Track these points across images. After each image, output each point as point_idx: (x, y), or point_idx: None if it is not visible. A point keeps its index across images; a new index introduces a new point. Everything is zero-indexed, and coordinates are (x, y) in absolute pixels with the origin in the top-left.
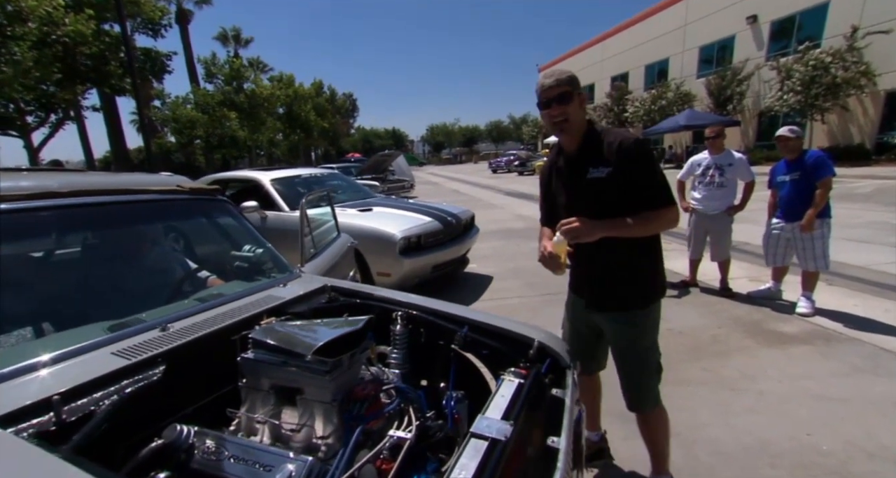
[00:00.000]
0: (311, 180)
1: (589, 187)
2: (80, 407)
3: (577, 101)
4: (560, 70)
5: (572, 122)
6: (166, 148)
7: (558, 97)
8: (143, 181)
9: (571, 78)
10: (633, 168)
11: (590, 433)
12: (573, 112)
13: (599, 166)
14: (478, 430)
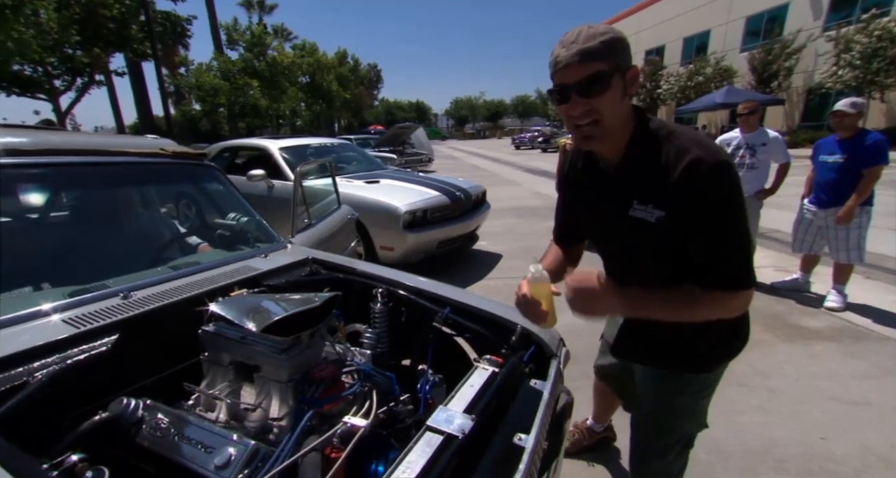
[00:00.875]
0: (322, 150)
1: (631, 231)
2: (11, 377)
3: (616, 89)
4: (589, 31)
5: (608, 126)
6: (191, 116)
7: (585, 84)
8: (125, 143)
9: (609, 44)
10: (703, 214)
11: (594, 424)
12: (609, 108)
13: (648, 204)
14: (434, 423)
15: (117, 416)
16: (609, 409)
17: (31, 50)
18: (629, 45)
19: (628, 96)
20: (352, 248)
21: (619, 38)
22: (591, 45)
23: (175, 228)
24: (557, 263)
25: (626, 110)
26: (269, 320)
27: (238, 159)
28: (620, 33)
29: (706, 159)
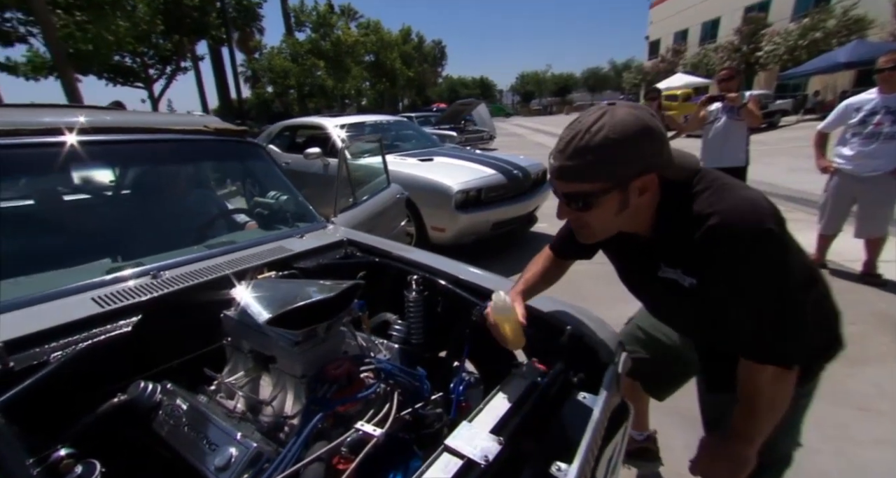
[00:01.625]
0: (378, 127)
1: (664, 292)
2: (31, 356)
3: (608, 205)
4: (580, 142)
5: (598, 234)
6: (265, 98)
7: (568, 199)
8: (169, 121)
9: (600, 161)
10: (730, 287)
11: (633, 432)
12: (598, 221)
13: (678, 268)
14: (454, 443)
15: (135, 399)
16: (641, 411)
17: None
18: (640, 149)
19: (630, 208)
20: (401, 228)
21: (615, 150)
22: (574, 163)
23: (219, 205)
24: (542, 273)
25: (628, 216)
26: (279, 311)
27: (298, 138)
28: (627, 137)
29: (728, 226)
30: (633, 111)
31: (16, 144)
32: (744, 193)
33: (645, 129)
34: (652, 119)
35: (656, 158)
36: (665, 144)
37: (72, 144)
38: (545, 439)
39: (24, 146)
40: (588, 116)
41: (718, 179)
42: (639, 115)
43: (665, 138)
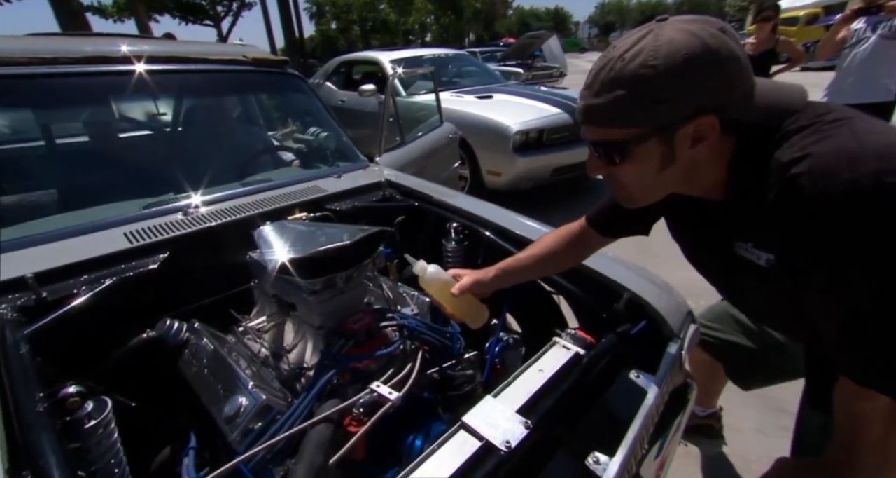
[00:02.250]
0: (436, 62)
1: (739, 274)
2: (63, 288)
3: (647, 157)
4: (609, 73)
5: (637, 195)
6: (328, 34)
7: (595, 147)
8: (208, 50)
9: (635, 99)
10: (816, 282)
11: (698, 408)
12: (635, 179)
13: (749, 243)
14: (473, 421)
15: (162, 336)
16: (714, 391)
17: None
18: (695, 80)
19: (679, 162)
20: (453, 171)
21: (655, 83)
22: (600, 101)
23: (259, 141)
24: (548, 255)
25: (679, 174)
26: (292, 256)
27: (354, 74)
28: (674, 64)
29: (823, 175)
30: (690, 27)
31: (55, 73)
32: (872, 130)
33: (704, 52)
34: (719, 37)
35: (720, 93)
36: (738, 74)
37: (108, 73)
38: (584, 423)
39: (63, 76)
40: (625, 39)
41: (830, 114)
42: (697, 32)
43: (741, 66)
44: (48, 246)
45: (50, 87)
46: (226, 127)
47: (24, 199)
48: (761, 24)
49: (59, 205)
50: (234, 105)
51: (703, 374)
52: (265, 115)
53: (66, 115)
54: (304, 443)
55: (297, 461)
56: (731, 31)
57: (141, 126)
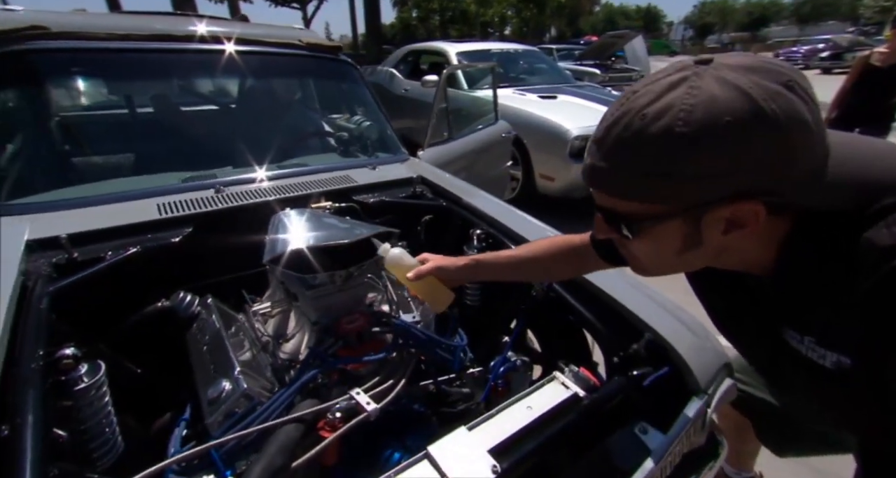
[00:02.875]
0: (504, 57)
1: (788, 359)
2: (92, 251)
3: (666, 236)
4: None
5: (649, 268)
6: (408, 23)
7: (606, 216)
8: (265, 33)
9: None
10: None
11: (731, 470)
12: (643, 254)
13: (809, 338)
14: (438, 453)
15: (175, 307)
16: (748, 451)
17: None
18: (737, 155)
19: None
20: (504, 171)
21: (683, 155)
22: (610, 165)
23: (304, 125)
24: (551, 255)
25: (709, 254)
26: (291, 247)
27: (422, 64)
28: (712, 133)
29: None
30: (741, 79)
31: (125, 48)
32: None
33: (756, 119)
34: (782, 98)
35: (772, 173)
36: (802, 149)
37: (171, 50)
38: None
39: (132, 51)
40: (651, 83)
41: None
42: (749, 88)
43: (807, 139)
44: (93, 209)
45: (120, 60)
46: (274, 108)
47: (85, 163)
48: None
49: (114, 171)
50: (287, 88)
51: (733, 430)
52: (315, 99)
53: (128, 87)
54: (268, 442)
55: (257, 459)
56: (802, 86)
57: (194, 102)
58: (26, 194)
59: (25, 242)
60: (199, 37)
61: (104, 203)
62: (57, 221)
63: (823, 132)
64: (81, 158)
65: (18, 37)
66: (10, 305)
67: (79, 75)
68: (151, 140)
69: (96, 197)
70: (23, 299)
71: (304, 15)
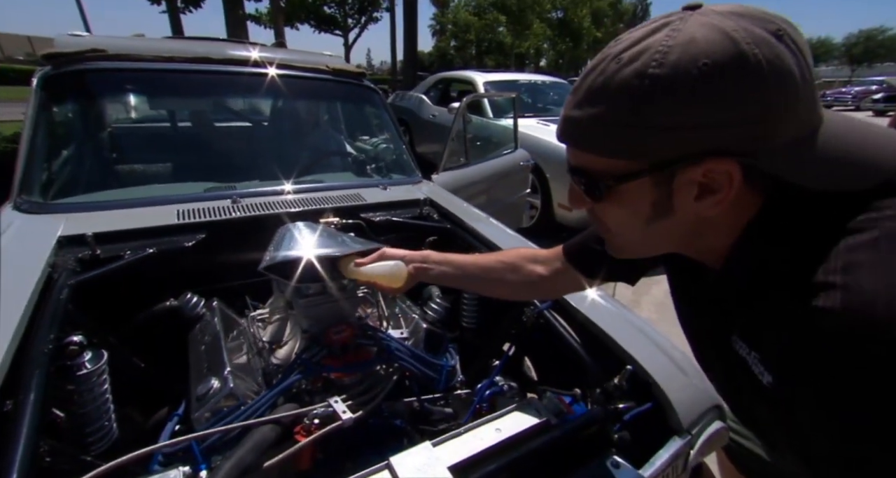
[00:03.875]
0: (531, 87)
1: (738, 371)
2: (113, 249)
3: (632, 200)
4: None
5: (618, 242)
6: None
7: (574, 175)
8: (294, 58)
9: (622, 122)
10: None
11: None
12: (615, 222)
13: (754, 353)
14: (399, 464)
15: (180, 307)
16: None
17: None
18: (716, 102)
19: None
20: (521, 197)
21: (659, 100)
22: (581, 114)
23: (325, 144)
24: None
25: (684, 230)
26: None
27: (452, 92)
28: (689, 76)
29: (853, 324)
30: (727, 23)
31: (170, 69)
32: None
33: (737, 63)
34: (769, 45)
35: (751, 129)
36: (786, 103)
37: (207, 72)
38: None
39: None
40: (635, 31)
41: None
42: (734, 31)
43: (792, 93)
44: (120, 212)
45: (163, 80)
46: (297, 128)
47: (122, 170)
48: None
49: (147, 178)
50: (312, 109)
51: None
52: (337, 121)
53: (168, 103)
54: (243, 440)
55: (229, 455)
56: (793, 37)
57: (226, 119)
58: (68, 196)
59: (57, 238)
60: (235, 60)
61: (130, 207)
62: (87, 221)
63: (813, 96)
64: (120, 166)
65: (81, 58)
66: (34, 294)
67: (128, 92)
68: (183, 151)
69: (124, 201)
70: (46, 289)
71: (345, 41)
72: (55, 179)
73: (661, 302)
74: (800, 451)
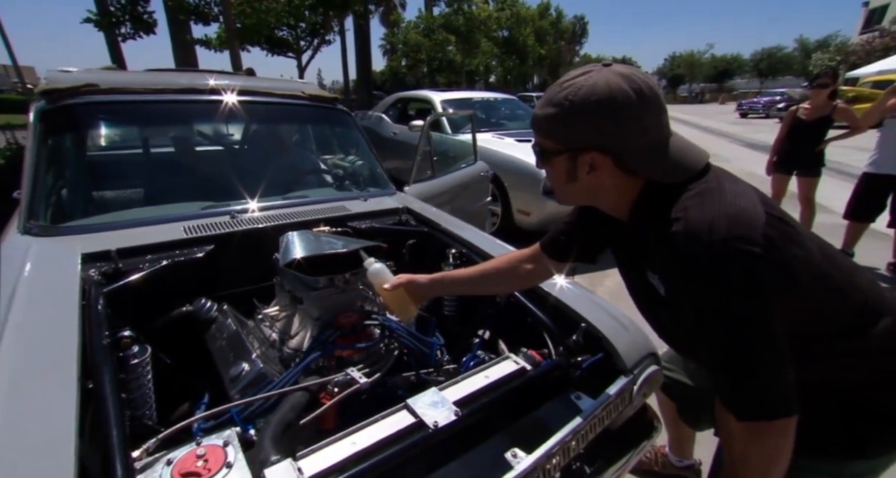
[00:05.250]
0: (484, 104)
1: (651, 297)
2: (134, 262)
3: (559, 169)
4: (552, 93)
5: (560, 197)
6: (397, 71)
7: (535, 147)
8: (273, 86)
9: (556, 120)
10: (687, 310)
11: (672, 455)
12: (555, 183)
13: (656, 275)
14: (414, 404)
15: (196, 311)
16: (684, 437)
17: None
18: (592, 121)
19: (579, 183)
20: (484, 206)
21: (570, 113)
22: (540, 113)
23: (306, 164)
24: (508, 266)
25: (586, 192)
26: (301, 255)
27: (410, 110)
28: (585, 104)
29: (686, 238)
30: (617, 79)
31: (158, 100)
32: (733, 202)
33: (606, 100)
34: (636, 92)
35: (609, 138)
36: (630, 125)
37: (196, 101)
38: (518, 427)
39: (164, 102)
40: (577, 70)
41: (721, 183)
42: (616, 84)
43: (636, 121)
44: (131, 230)
45: (153, 110)
46: (279, 149)
47: (122, 193)
48: (817, 90)
49: (146, 200)
50: (291, 131)
51: (668, 417)
52: (315, 142)
53: (160, 132)
54: (281, 403)
55: (273, 413)
56: (647, 93)
57: (213, 143)
58: (73, 219)
59: (81, 255)
60: (220, 89)
61: (139, 226)
62: (102, 240)
63: (660, 123)
64: (119, 190)
65: (76, 92)
66: (79, 301)
67: (121, 122)
68: (177, 175)
69: (129, 221)
70: (82, 298)
71: (298, 63)
72: (60, 205)
73: (614, 291)
74: (690, 346)
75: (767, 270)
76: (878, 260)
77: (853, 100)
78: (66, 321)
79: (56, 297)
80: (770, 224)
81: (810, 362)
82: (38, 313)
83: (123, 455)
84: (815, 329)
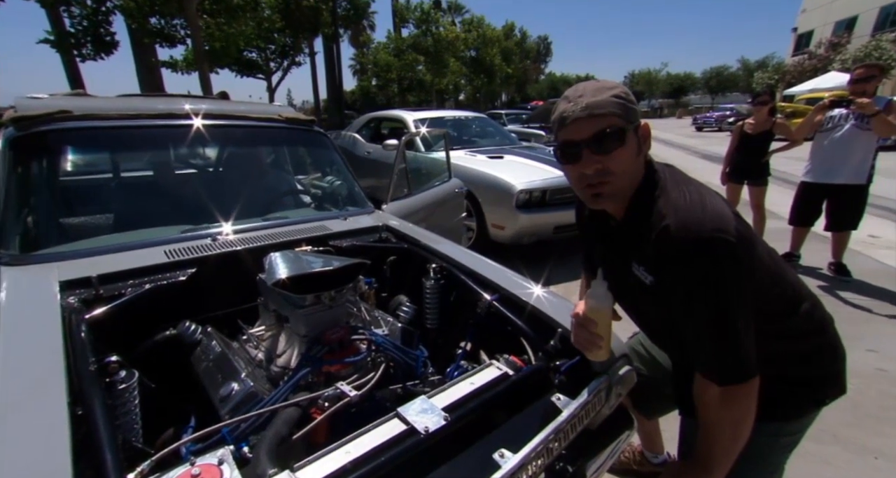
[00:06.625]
0: (456, 122)
1: (635, 288)
2: (115, 288)
3: (632, 144)
4: (596, 85)
5: (620, 185)
6: (368, 90)
7: (597, 139)
8: (250, 109)
9: (621, 98)
10: (677, 291)
11: (647, 452)
12: (624, 165)
13: (642, 266)
14: (405, 412)
15: (181, 335)
16: (651, 431)
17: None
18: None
19: (642, 154)
20: (460, 221)
21: (628, 92)
22: (601, 98)
23: (284, 185)
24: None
25: (640, 167)
26: (288, 274)
27: (383, 129)
28: (626, 90)
29: (679, 230)
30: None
31: (135, 125)
32: (713, 204)
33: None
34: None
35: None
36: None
37: (173, 126)
38: (504, 429)
39: (140, 127)
40: (585, 86)
41: (677, 176)
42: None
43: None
44: (110, 256)
45: (130, 136)
46: (258, 171)
47: (97, 219)
48: (758, 106)
49: (122, 225)
50: (269, 154)
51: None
52: (293, 164)
53: (136, 157)
54: (274, 418)
55: (267, 429)
56: (628, 99)
57: (191, 167)
58: (45, 247)
59: (59, 283)
60: (196, 114)
61: (119, 251)
62: (81, 267)
63: None
64: (93, 216)
65: (49, 119)
66: (61, 328)
67: (97, 148)
68: (157, 199)
69: (111, 246)
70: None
71: (268, 84)
72: (35, 232)
73: None
74: (668, 329)
75: (742, 255)
76: (821, 260)
77: (791, 115)
78: (50, 348)
79: (37, 325)
80: (737, 223)
81: (757, 337)
82: (21, 341)
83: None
84: (763, 309)
